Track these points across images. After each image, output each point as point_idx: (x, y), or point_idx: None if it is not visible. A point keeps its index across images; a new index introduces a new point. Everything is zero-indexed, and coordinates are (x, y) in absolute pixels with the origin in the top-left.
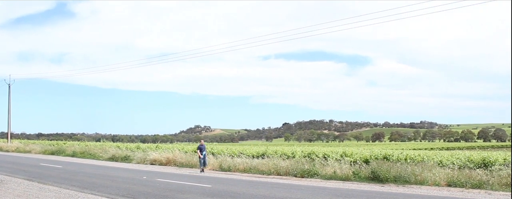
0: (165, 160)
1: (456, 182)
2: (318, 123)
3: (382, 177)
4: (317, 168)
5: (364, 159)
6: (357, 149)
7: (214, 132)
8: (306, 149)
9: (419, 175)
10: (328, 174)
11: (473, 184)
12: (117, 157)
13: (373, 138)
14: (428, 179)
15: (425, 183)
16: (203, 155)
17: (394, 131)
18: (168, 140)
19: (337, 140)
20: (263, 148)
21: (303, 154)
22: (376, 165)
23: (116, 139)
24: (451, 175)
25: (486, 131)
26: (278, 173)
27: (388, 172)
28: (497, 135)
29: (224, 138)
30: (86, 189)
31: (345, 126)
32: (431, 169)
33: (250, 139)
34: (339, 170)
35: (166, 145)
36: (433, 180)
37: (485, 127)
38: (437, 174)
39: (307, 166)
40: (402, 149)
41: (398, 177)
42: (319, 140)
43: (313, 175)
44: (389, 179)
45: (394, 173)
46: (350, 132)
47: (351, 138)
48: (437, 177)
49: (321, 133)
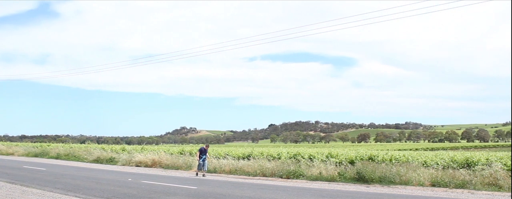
0: (151, 162)
1: (440, 182)
2: (304, 124)
3: (367, 178)
4: (303, 169)
5: (349, 160)
6: (342, 150)
7: (200, 133)
8: (292, 150)
9: (404, 176)
10: (313, 175)
11: (457, 184)
12: (102, 159)
13: (359, 139)
14: (412, 179)
15: (410, 183)
16: (203, 158)
17: (379, 132)
18: (153, 141)
19: (323, 141)
20: (249, 149)
21: (289, 155)
22: (361, 165)
23: (101, 140)
24: (435, 175)
25: (469, 131)
26: (264, 174)
27: (373, 172)
28: (480, 135)
29: (210, 139)
30: (70, 192)
31: (331, 127)
32: (415, 170)
33: (236, 140)
34: (324, 171)
35: (152, 147)
36: (418, 180)
37: (469, 127)
38: (422, 174)
39: (293, 167)
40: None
41: (383, 177)
42: (305, 141)
43: (299, 176)
44: (374, 180)
45: (379, 174)
46: (336, 133)
47: (337, 139)
48: (421, 177)
49: (307, 134)
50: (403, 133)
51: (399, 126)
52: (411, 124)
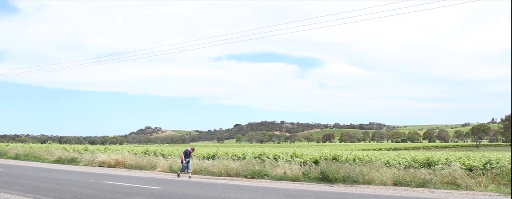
0: (114, 162)
1: (401, 181)
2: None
3: (331, 177)
4: (268, 169)
5: (314, 159)
6: (307, 150)
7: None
8: (257, 150)
9: (367, 175)
10: (278, 174)
11: (418, 183)
12: (63, 159)
13: (324, 139)
14: (375, 178)
15: (373, 182)
16: (187, 160)
17: (344, 132)
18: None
19: (288, 141)
20: (214, 149)
21: (254, 155)
22: (325, 165)
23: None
24: (397, 174)
25: (431, 132)
26: (228, 174)
27: (337, 172)
28: (441, 135)
29: (175, 139)
30: (29, 193)
31: (296, 127)
32: (378, 169)
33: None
34: (289, 170)
35: (116, 147)
36: (380, 180)
37: (430, 128)
38: (384, 174)
39: (258, 167)
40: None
41: (346, 177)
42: (270, 141)
43: (264, 176)
44: (338, 179)
45: (343, 173)
46: (301, 133)
47: (302, 139)
48: (384, 177)
49: (272, 134)
50: (367, 133)
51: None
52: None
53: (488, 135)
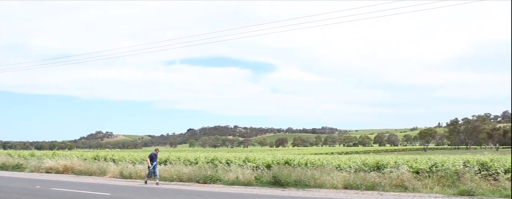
0: (62, 168)
1: (352, 185)
2: (223, 129)
3: (283, 181)
4: (220, 174)
5: (266, 164)
6: (260, 154)
7: (116, 138)
8: (210, 154)
9: (318, 179)
10: (230, 179)
11: (367, 186)
12: (7, 165)
13: (277, 143)
14: (326, 182)
15: (324, 186)
16: (153, 165)
17: (297, 136)
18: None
19: (241, 145)
20: (166, 154)
21: (206, 160)
22: (277, 169)
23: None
24: (347, 178)
25: (381, 136)
26: (180, 179)
27: (289, 176)
28: (391, 139)
29: (127, 144)
30: None
31: (249, 131)
32: (329, 173)
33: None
34: (241, 175)
35: (64, 152)
36: (331, 183)
37: (380, 132)
38: (335, 178)
39: (210, 172)
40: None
41: (298, 181)
42: (223, 146)
43: (216, 181)
44: (290, 183)
45: (295, 177)
46: (255, 138)
47: (255, 144)
48: (335, 180)
49: (225, 138)
50: (320, 137)
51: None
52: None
53: (434, 139)
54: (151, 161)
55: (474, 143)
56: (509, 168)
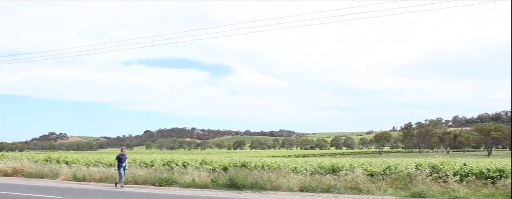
0: (11, 170)
1: (308, 187)
2: (181, 131)
3: (240, 184)
4: (176, 176)
5: (223, 166)
6: (217, 156)
7: (70, 139)
8: (166, 157)
9: (275, 181)
10: (187, 182)
11: (323, 189)
12: None
13: (235, 146)
14: (282, 185)
15: (280, 188)
16: (123, 166)
17: (254, 139)
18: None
19: (199, 147)
20: None
21: (163, 162)
22: (234, 172)
23: None
24: (303, 180)
25: (337, 139)
26: (136, 182)
27: (245, 179)
28: (347, 143)
29: (82, 146)
30: None
31: (207, 133)
32: (285, 175)
33: (110, 147)
34: (198, 178)
35: (14, 154)
36: (287, 186)
37: (337, 135)
38: (291, 180)
39: (166, 174)
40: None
41: (254, 183)
42: (181, 148)
43: (172, 183)
44: (246, 186)
45: (251, 180)
46: (212, 140)
47: (213, 146)
48: (291, 183)
49: (183, 140)
50: (277, 140)
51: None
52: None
53: (389, 142)
54: (119, 162)
55: (427, 147)
56: (458, 171)
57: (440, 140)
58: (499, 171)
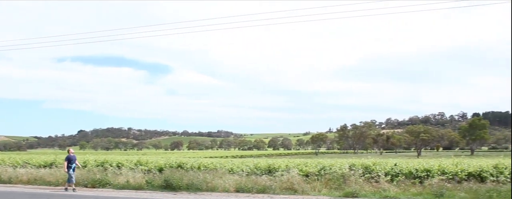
0: None
1: (244, 188)
2: (116, 131)
3: (175, 185)
4: (110, 178)
5: (159, 167)
6: (154, 157)
7: None
8: (100, 157)
9: (210, 182)
10: (120, 183)
11: (259, 189)
12: None
13: (172, 147)
14: (218, 186)
15: (216, 189)
16: (72, 168)
17: (192, 139)
18: None
19: (135, 148)
20: (52, 157)
21: (96, 163)
22: (169, 173)
23: None
24: (239, 181)
25: (275, 140)
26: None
27: (181, 180)
28: (284, 143)
29: (10, 146)
30: None
31: (144, 134)
32: (221, 176)
33: (41, 147)
34: (132, 179)
35: None
36: (223, 187)
37: (274, 136)
38: (227, 181)
39: (99, 176)
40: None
41: (190, 184)
42: (116, 148)
43: (105, 185)
44: (182, 187)
45: (187, 181)
46: (149, 140)
47: (150, 146)
48: (227, 184)
49: (119, 141)
50: (215, 141)
51: (212, 134)
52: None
53: (325, 143)
54: (69, 163)
55: (361, 148)
56: (389, 171)
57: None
58: (427, 171)
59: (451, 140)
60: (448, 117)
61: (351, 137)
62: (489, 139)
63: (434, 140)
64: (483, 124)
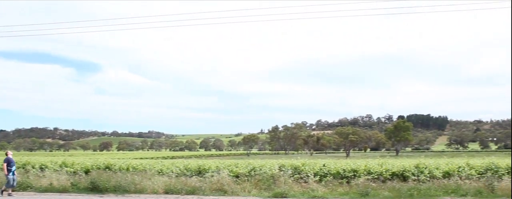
0: None
1: (173, 189)
2: (41, 131)
3: (102, 187)
4: (31, 180)
5: (85, 169)
6: (81, 158)
7: None
8: (22, 159)
9: (139, 184)
10: (43, 186)
11: (188, 191)
12: None
13: (101, 147)
14: (147, 187)
15: (145, 191)
16: (12, 171)
17: (122, 140)
18: None
19: (62, 149)
20: None
21: (17, 165)
22: (96, 175)
23: None
24: (169, 182)
25: (207, 141)
26: None
27: (108, 182)
28: (216, 144)
29: None
30: None
31: (71, 134)
32: (150, 178)
33: None
34: (56, 181)
35: None
36: (152, 188)
37: (206, 137)
38: (156, 182)
39: (20, 178)
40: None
41: (118, 186)
42: (41, 149)
43: (26, 188)
44: (109, 189)
45: (114, 183)
46: (77, 141)
47: (77, 147)
48: (156, 185)
49: (44, 141)
50: (146, 141)
51: (142, 135)
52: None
53: (257, 144)
54: (8, 166)
55: (292, 149)
56: (318, 171)
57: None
58: (354, 171)
59: (378, 141)
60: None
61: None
62: (412, 140)
63: (362, 141)
64: (407, 126)
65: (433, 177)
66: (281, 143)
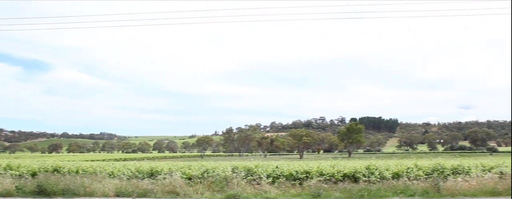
0: None
1: (124, 192)
2: None
3: (50, 191)
4: None
5: (32, 172)
6: (28, 161)
7: None
8: None
9: (89, 187)
10: None
11: (139, 193)
12: None
13: (50, 149)
14: (97, 190)
15: (95, 194)
16: None
17: (72, 141)
18: None
19: (7, 151)
20: None
21: None
22: (43, 178)
23: None
24: (120, 185)
25: (160, 143)
26: None
27: (57, 185)
28: (170, 146)
29: None
30: None
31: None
32: (101, 180)
33: None
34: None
35: None
36: (102, 191)
37: (160, 139)
38: (107, 185)
39: None
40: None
41: (66, 189)
42: None
43: None
44: (57, 193)
45: (63, 186)
46: (24, 143)
47: (24, 149)
48: (106, 188)
49: None
50: (98, 143)
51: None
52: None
53: (211, 146)
54: None
55: (246, 150)
56: (271, 173)
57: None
58: (306, 172)
59: (331, 143)
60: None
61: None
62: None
63: (316, 143)
64: (359, 128)
65: (383, 178)
66: (235, 145)
